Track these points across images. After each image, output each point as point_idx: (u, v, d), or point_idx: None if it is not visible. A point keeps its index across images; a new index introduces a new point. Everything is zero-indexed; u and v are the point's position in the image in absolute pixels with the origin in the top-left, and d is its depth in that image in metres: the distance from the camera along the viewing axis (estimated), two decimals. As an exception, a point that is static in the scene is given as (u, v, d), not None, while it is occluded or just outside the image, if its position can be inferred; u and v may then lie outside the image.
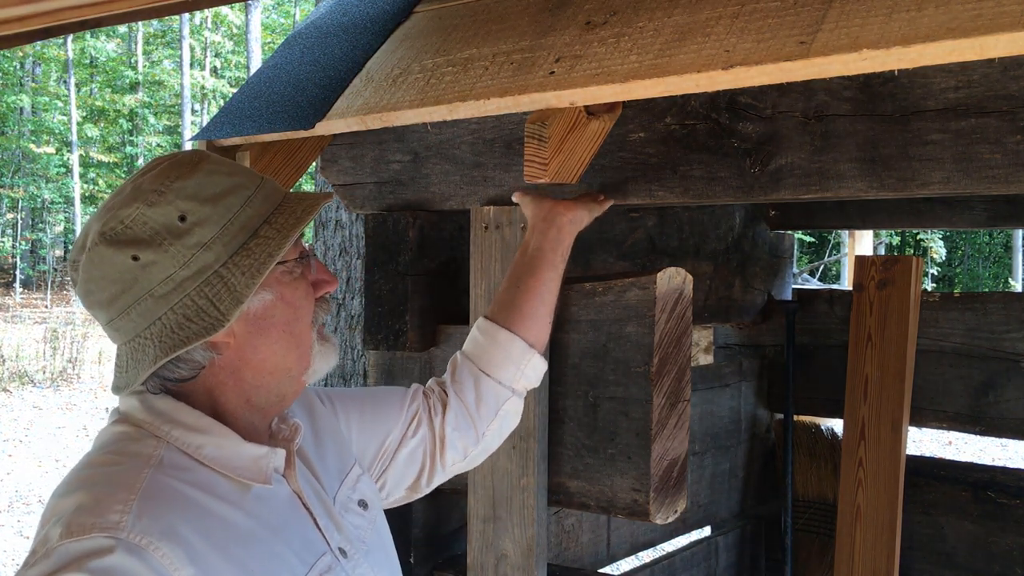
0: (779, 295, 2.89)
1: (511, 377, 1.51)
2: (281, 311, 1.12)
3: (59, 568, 0.94)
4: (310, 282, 1.17)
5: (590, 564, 2.38)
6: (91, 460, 1.08)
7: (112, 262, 1.04)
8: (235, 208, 1.07)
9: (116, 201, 1.06)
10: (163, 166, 1.08)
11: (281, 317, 1.13)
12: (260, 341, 1.12)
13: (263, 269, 1.06)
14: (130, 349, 1.07)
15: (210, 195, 1.06)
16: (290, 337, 1.14)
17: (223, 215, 1.06)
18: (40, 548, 0.98)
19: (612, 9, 1.52)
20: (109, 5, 1.47)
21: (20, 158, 23.48)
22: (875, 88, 1.43)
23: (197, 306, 1.04)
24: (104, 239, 1.04)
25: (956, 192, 1.39)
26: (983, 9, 1.09)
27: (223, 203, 1.06)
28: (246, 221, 1.08)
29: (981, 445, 9.17)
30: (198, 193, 1.05)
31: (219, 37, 26.80)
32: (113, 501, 0.99)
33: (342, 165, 2.12)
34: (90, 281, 1.06)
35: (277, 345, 1.13)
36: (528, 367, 1.52)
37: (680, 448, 1.77)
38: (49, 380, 12.58)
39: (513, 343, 1.51)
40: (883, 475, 2.55)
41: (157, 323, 1.05)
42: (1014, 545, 2.58)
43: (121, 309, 1.06)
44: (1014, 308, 2.52)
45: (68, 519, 0.98)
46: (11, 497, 7.68)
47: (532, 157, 1.49)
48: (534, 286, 1.55)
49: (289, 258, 1.13)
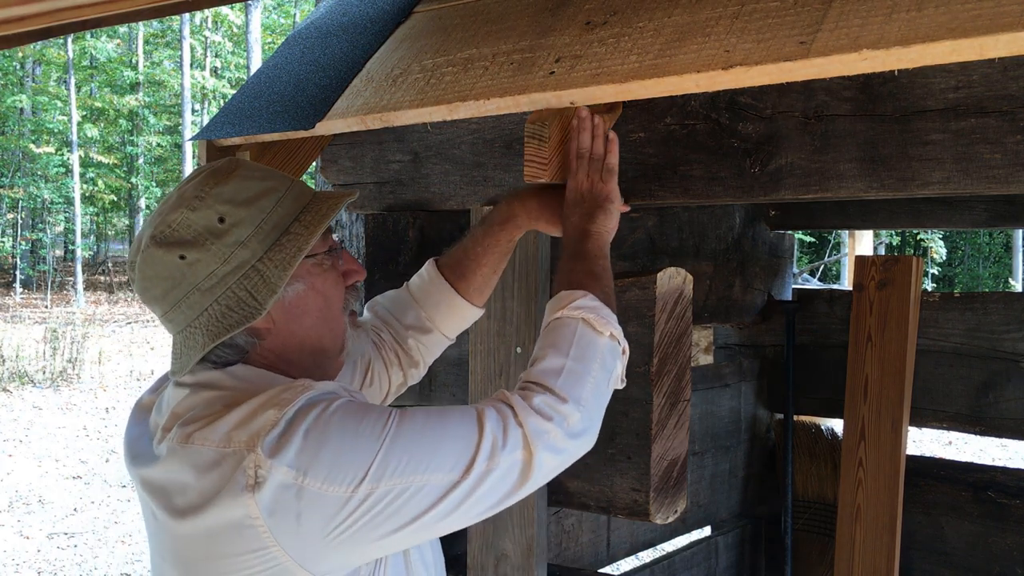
0: (779, 295, 2.89)
1: (455, 330, 1.67)
2: (313, 299, 1.27)
3: (297, 411, 1.13)
4: (340, 272, 1.31)
5: (590, 564, 2.38)
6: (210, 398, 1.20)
7: (163, 262, 1.19)
8: (267, 209, 1.21)
9: (164, 207, 1.22)
10: (203, 174, 1.23)
11: (314, 304, 1.27)
12: (296, 327, 1.26)
13: (293, 262, 1.20)
14: (183, 338, 1.22)
15: (245, 198, 1.20)
16: (323, 322, 1.28)
17: (257, 216, 1.20)
18: (264, 428, 1.11)
19: (612, 9, 1.52)
20: (109, 5, 1.47)
21: (20, 158, 23.49)
22: (875, 88, 1.43)
23: (238, 297, 1.19)
24: (155, 242, 1.20)
25: (956, 192, 1.39)
26: (983, 9, 1.09)
27: (256, 205, 1.20)
28: (278, 220, 1.21)
29: (981, 445, 9.17)
30: (234, 197, 1.20)
31: (219, 37, 26.80)
32: (292, 389, 1.16)
33: (342, 165, 2.12)
34: (145, 279, 1.22)
35: (312, 330, 1.27)
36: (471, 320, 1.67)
37: (680, 448, 1.77)
38: (49, 380, 12.58)
39: (469, 310, 1.64)
40: (883, 475, 2.55)
41: (204, 314, 1.19)
42: (1014, 545, 2.58)
43: (173, 303, 1.21)
44: (1014, 308, 2.52)
45: (271, 406, 1.13)
46: (11, 497, 7.68)
47: (532, 157, 1.49)
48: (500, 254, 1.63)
49: (318, 251, 1.27)
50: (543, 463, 1.18)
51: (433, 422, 1.17)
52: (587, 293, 1.34)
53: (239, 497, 1.10)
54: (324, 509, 1.10)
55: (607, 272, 1.42)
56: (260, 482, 1.09)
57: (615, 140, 1.52)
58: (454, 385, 2.06)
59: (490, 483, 1.15)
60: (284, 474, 1.09)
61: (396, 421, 1.16)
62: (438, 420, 1.17)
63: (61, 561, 6.29)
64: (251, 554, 1.12)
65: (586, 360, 1.27)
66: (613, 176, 1.51)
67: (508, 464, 1.16)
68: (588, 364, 1.27)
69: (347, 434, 1.13)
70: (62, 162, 22.95)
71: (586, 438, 1.24)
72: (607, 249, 1.46)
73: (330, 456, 1.11)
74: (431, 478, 1.12)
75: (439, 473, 1.13)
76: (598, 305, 1.33)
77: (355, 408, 1.17)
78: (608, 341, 1.31)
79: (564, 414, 1.20)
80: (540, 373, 1.25)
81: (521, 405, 1.20)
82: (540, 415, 1.19)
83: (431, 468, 1.13)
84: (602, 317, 1.32)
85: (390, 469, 1.11)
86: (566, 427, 1.20)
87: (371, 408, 1.19)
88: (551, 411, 1.20)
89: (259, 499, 1.09)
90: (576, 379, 1.24)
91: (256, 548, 1.11)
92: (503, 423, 1.17)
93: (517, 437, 1.17)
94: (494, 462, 1.15)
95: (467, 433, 1.16)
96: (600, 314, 1.32)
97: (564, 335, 1.29)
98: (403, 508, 1.12)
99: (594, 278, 1.38)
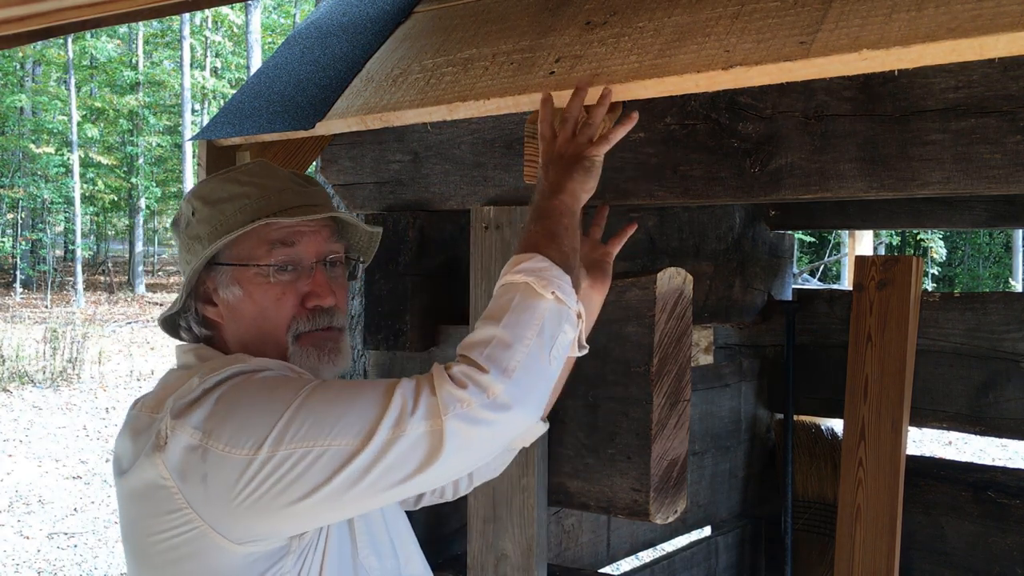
0: (779, 295, 2.89)
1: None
2: (248, 307, 1.32)
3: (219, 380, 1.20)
4: (298, 290, 1.33)
5: (590, 564, 2.38)
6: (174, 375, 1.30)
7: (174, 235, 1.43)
8: (227, 212, 1.33)
9: None
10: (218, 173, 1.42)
11: (248, 312, 1.33)
12: (234, 328, 1.34)
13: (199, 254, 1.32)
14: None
15: (214, 199, 1.35)
16: (257, 331, 1.33)
17: (216, 216, 1.33)
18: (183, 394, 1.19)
19: (612, 9, 1.52)
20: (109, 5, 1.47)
21: (20, 158, 23.49)
22: (875, 88, 1.43)
23: (188, 279, 1.35)
24: (173, 220, 1.43)
25: (956, 192, 1.39)
26: (983, 9, 1.09)
27: (219, 207, 1.34)
28: (231, 224, 1.32)
29: (981, 445, 9.17)
30: (207, 196, 1.36)
31: (219, 37, 26.80)
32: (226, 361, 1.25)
33: (342, 165, 2.12)
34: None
35: (247, 336, 1.33)
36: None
37: (680, 448, 1.77)
38: (49, 380, 12.58)
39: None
40: (883, 475, 2.55)
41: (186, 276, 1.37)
42: (1014, 545, 2.58)
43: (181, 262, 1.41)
44: (1014, 308, 2.52)
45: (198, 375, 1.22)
46: (11, 497, 7.68)
47: (532, 157, 1.49)
48: None
49: (263, 263, 1.31)
50: (455, 432, 1.11)
51: (346, 392, 1.17)
52: (536, 255, 1.26)
53: (150, 457, 1.17)
54: (228, 472, 1.12)
55: (570, 231, 1.32)
56: (165, 443, 1.16)
57: (634, 118, 1.42)
58: (454, 385, 2.06)
59: (397, 452, 1.11)
60: (190, 435, 1.15)
61: (311, 387, 1.17)
62: (351, 390, 1.17)
63: (61, 561, 6.29)
64: (169, 515, 1.16)
65: (520, 327, 1.19)
66: (604, 143, 1.39)
67: (417, 433, 1.11)
68: (522, 331, 1.18)
69: (258, 400, 1.16)
70: (62, 162, 22.94)
71: (518, 410, 1.15)
72: (577, 208, 1.36)
73: (237, 420, 1.14)
74: (332, 443, 1.11)
75: (341, 438, 1.11)
76: (545, 266, 1.24)
77: (276, 380, 1.20)
78: (551, 304, 1.21)
79: (482, 384, 1.13)
80: (466, 345, 1.19)
81: (439, 374, 1.15)
82: (454, 383, 1.13)
83: (333, 434, 1.12)
84: (544, 279, 1.22)
85: (290, 433, 1.12)
86: (486, 398, 1.12)
87: (293, 380, 1.20)
88: (467, 380, 1.13)
89: (166, 459, 1.15)
90: (503, 348, 1.16)
91: (172, 509, 1.16)
92: (415, 391, 1.14)
93: (427, 405, 1.12)
94: (400, 429, 1.11)
95: (375, 400, 1.14)
96: (543, 276, 1.23)
97: (501, 304, 1.22)
98: (305, 474, 1.11)
99: (551, 238, 1.29)
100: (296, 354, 1.32)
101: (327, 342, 1.34)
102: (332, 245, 1.38)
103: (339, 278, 1.40)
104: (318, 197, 1.38)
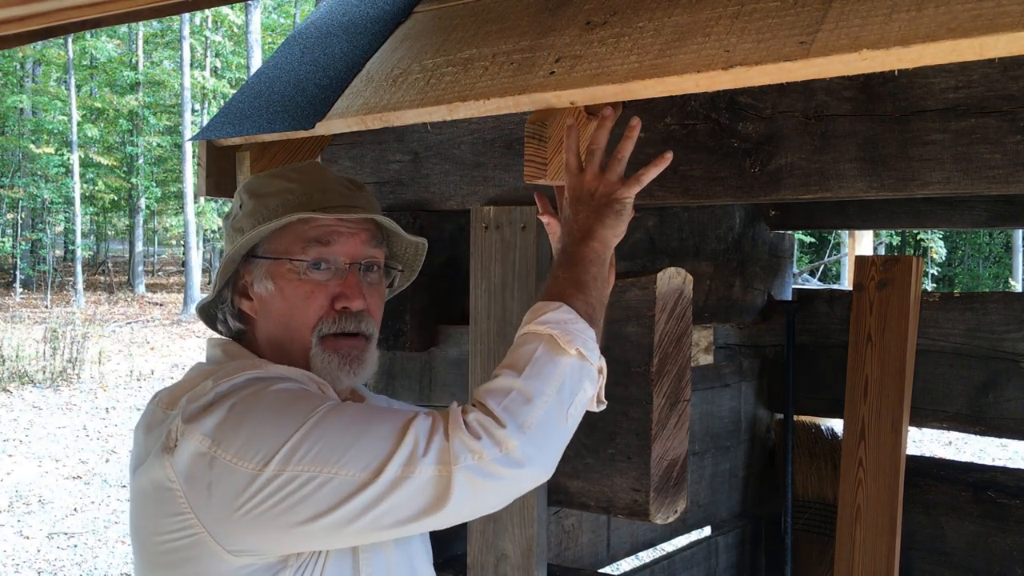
0: (779, 295, 2.89)
1: None
2: (278, 302, 1.31)
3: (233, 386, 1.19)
4: (328, 291, 1.31)
5: (590, 564, 2.38)
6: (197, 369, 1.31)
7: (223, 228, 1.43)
8: (270, 206, 1.33)
9: None
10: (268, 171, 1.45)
11: (277, 307, 1.31)
12: (264, 322, 1.34)
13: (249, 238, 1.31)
14: None
15: (260, 192, 1.35)
16: (283, 329, 1.31)
17: (260, 209, 1.33)
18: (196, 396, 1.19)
19: (612, 9, 1.52)
20: (109, 5, 1.47)
21: (20, 158, 23.48)
22: (875, 88, 1.43)
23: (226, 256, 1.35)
24: (225, 214, 1.42)
25: (956, 192, 1.39)
26: (983, 9, 1.09)
27: (263, 200, 1.34)
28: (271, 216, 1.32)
29: (981, 445, 9.17)
30: (255, 190, 1.36)
31: (219, 37, 26.79)
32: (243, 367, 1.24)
33: (342, 165, 2.12)
34: None
35: (275, 331, 1.32)
36: None
37: (680, 448, 1.77)
38: (49, 380, 12.57)
39: None
40: (883, 475, 2.55)
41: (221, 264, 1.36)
42: (1014, 545, 2.58)
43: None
44: (1014, 308, 2.52)
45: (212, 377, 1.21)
46: (11, 497, 7.68)
47: (532, 157, 1.49)
48: None
49: (298, 258, 1.30)
50: (463, 483, 1.09)
51: (360, 418, 1.14)
52: (562, 305, 1.24)
53: (160, 457, 1.17)
54: (233, 483, 1.11)
55: (599, 280, 1.31)
56: (175, 446, 1.16)
57: (636, 127, 1.40)
58: (454, 385, 2.06)
59: (404, 493, 1.09)
60: (199, 442, 1.14)
61: (326, 408, 1.15)
62: (365, 418, 1.15)
63: (61, 561, 6.29)
64: (172, 517, 1.16)
65: (541, 381, 1.17)
66: (635, 184, 1.38)
67: (425, 476, 1.09)
68: (542, 386, 1.16)
69: (271, 413, 1.14)
70: (62, 162, 22.94)
71: (532, 468, 1.13)
72: (607, 255, 1.34)
73: (247, 432, 1.13)
74: (340, 472, 1.09)
75: (350, 469, 1.09)
76: (570, 319, 1.23)
77: (294, 393, 1.18)
78: (573, 360, 1.20)
79: (498, 438, 1.10)
80: (486, 392, 1.17)
81: (455, 418, 1.12)
82: (469, 432, 1.10)
83: (342, 462, 1.10)
84: (568, 333, 1.20)
85: (299, 454, 1.10)
86: (499, 452, 1.10)
87: (311, 396, 1.19)
88: (482, 431, 1.11)
89: (174, 462, 1.15)
90: (522, 402, 1.14)
91: (175, 512, 1.16)
92: (429, 432, 1.12)
93: (438, 449, 1.10)
94: (410, 469, 1.09)
95: (388, 434, 1.11)
96: (568, 329, 1.21)
97: (523, 353, 1.20)
98: (309, 499, 1.09)
99: (579, 287, 1.28)
100: (317, 357, 1.30)
101: (351, 350, 1.31)
102: (370, 250, 1.35)
103: (375, 284, 1.36)
104: (362, 201, 1.36)
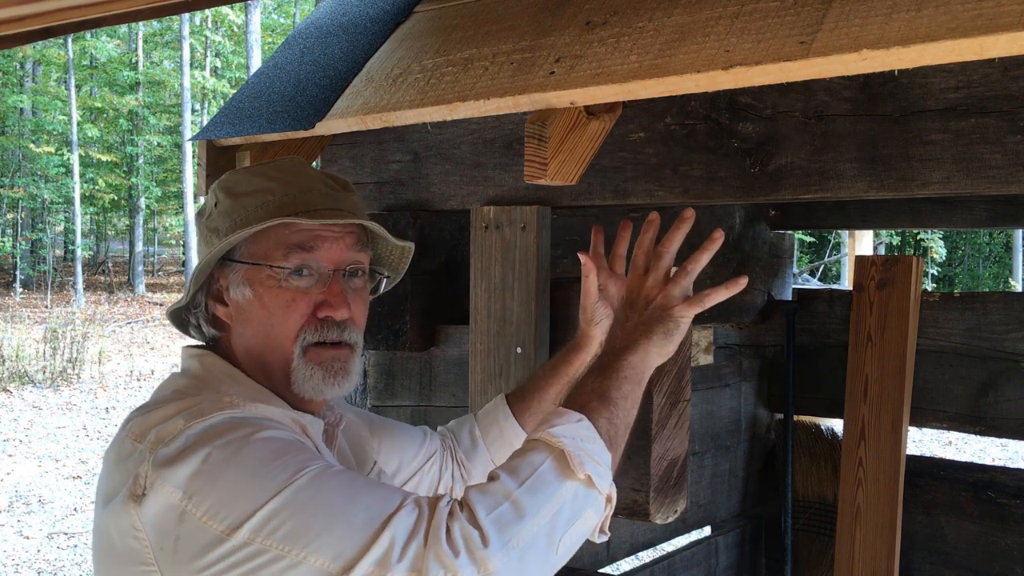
0: (779, 295, 2.89)
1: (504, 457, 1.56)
2: (257, 310, 1.25)
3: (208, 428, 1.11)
4: (311, 299, 1.25)
5: (590, 564, 2.38)
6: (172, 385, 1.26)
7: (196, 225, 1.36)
8: (248, 206, 1.26)
9: None
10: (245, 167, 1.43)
11: (256, 315, 1.25)
12: (241, 330, 1.27)
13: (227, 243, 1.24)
14: None
15: (237, 191, 1.28)
16: (263, 338, 1.25)
17: (237, 209, 1.26)
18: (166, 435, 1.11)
19: (612, 9, 1.52)
20: (109, 5, 1.47)
21: (20, 158, 23.49)
22: (875, 88, 1.43)
23: (203, 260, 1.28)
24: (198, 210, 1.37)
25: (956, 192, 1.39)
26: (983, 9, 1.09)
27: (240, 200, 1.27)
28: (249, 218, 1.25)
29: (981, 445, 9.17)
30: (231, 188, 1.29)
31: (219, 37, 26.80)
32: (218, 403, 1.16)
33: (342, 165, 2.12)
34: None
35: (253, 340, 1.26)
36: None
37: (680, 448, 1.77)
38: (49, 380, 12.57)
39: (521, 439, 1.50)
40: (883, 475, 2.55)
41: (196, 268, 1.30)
42: (1014, 545, 2.58)
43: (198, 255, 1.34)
44: (1014, 308, 2.52)
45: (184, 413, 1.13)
46: (11, 497, 7.68)
47: (532, 157, 1.49)
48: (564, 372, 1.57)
49: (279, 265, 1.24)
50: None
51: (342, 495, 1.06)
52: (584, 418, 1.16)
53: (126, 504, 1.10)
54: (199, 541, 1.05)
55: (629, 401, 1.22)
56: (144, 494, 1.08)
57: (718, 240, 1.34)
58: (454, 385, 2.06)
59: None
60: (170, 494, 1.07)
61: (308, 476, 1.06)
62: (348, 495, 1.06)
63: (61, 561, 6.29)
64: (136, 566, 1.10)
65: (538, 500, 1.07)
66: (697, 305, 1.32)
67: None
68: (538, 505, 1.07)
69: (248, 472, 1.07)
70: (62, 162, 22.94)
71: None
72: (646, 375, 1.26)
73: (221, 489, 1.06)
74: (309, 558, 1.02)
75: (319, 556, 1.02)
76: (588, 436, 1.14)
77: (274, 446, 1.10)
78: (579, 486, 1.10)
79: (477, 558, 1.01)
80: (479, 494, 1.08)
81: (439, 522, 1.03)
82: (449, 546, 1.01)
83: (313, 547, 1.02)
84: (581, 453, 1.11)
85: (272, 525, 1.03)
86: (476, 573, 1.01)
87: (292, 451, 1.10)
88: (463, 547, 1.01)
89: (142, 513, 1.09)
90: (514, 518, 1.05)
91: (139, 562, 1.10)
92: (409, 534, 1.03)
93: (414, 558, 1.01)
94: (382, 570, 1.00)
95: (367, 523, 1.03)
96: (581, 448, 1.12)
97: (528, 462, 1.11)
98: None
99: (607, 403, 1.19)
100: (300, 369, 1.24)
101: (335, 362, 1.26)
102: (355, 254, 1.29)
103: (359, 290, 1.31)
104: (347, 202, 1.30)
